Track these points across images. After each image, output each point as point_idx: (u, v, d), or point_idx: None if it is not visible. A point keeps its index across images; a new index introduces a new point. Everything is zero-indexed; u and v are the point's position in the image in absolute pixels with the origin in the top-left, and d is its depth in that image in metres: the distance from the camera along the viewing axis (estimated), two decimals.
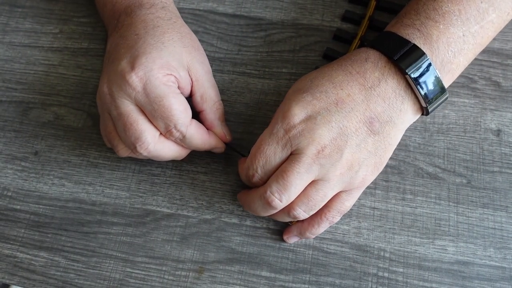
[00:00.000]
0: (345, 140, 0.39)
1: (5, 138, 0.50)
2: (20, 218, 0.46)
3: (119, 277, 0.44)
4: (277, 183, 0.39)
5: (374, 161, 0.40)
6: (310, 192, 0.39)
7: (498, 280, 0.43)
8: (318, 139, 0.38)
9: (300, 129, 0.39)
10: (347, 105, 0.39)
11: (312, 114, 0.39)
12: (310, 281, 0.43)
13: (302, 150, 0.38)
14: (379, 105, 0.39)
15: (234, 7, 0.55)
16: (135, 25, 0.44)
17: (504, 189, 0.46)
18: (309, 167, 0.38)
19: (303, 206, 0.40)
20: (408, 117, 0.41)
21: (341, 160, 0.38)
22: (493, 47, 0.52)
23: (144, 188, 0.47)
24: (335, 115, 0.39)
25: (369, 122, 0.39)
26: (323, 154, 0.38)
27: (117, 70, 0.41)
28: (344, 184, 0.40)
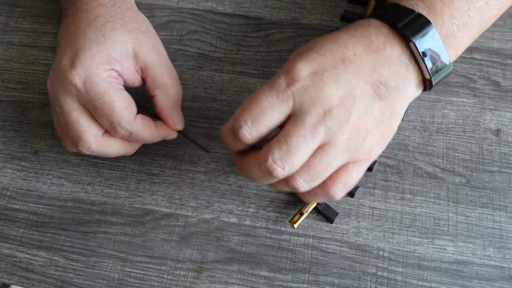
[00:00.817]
0: (353, 101, 0.36)
1: (5, 138, 0.50)
2: (19, 218, 0.46)
3: (118, 276, 0.44)
4: (279, 149, 0.35)
5: (381, 131, 0.38)
6: (313, 159, 0.36)
7: (497, 279, 0.43)
8: (325, 98, 0.35)
9: (305, 84, 0.35)
10: (354, 64, 0.37)
11: (318, 71, 0.36)
12: (309, 280, 0.43)
13: (307, 110, 0.35)
14: (385, 69, 0.37)
15: (233, 7, 0.55)
16: (77, 16, 0.43)
17: (503, 188, 0.46)
18: (315, 129, 0.35)
19: (304, 176, 0.36)
20: (412, 87, 0.39)
21: (349, 123, 0.36)
22: (492, 47, 0.52)
23: (143, 188, 0.47)
24: (343, 73, 0.36)
25: (376, 86, 0.37)
26: (330, 115, 0.35)
27: (59, 67, 0.41)
28: (350, 152, 0.37)
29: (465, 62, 0.51)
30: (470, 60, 0.51)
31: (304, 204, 0.44)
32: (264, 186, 0.47)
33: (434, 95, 0.50)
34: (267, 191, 0.47)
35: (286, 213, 0.46)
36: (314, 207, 0.45)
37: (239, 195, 0.46)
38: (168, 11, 0.56)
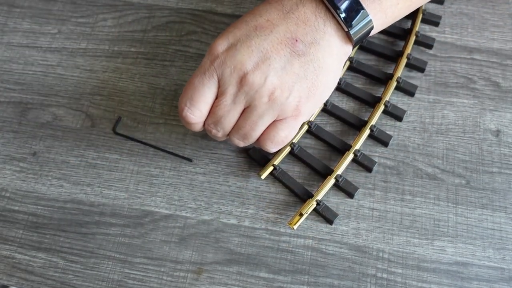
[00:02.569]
0: (268, 63, 0.38)
1: (3, 139, 0.50)
2: (18, 219, 0.46)
3: (118, 278, 0.44)
4: (210, 117, 0.41)
5: (307, 86, 0.39)
6: (241, 121, 0.40)
7: (497, 281, 0.42)
8: (239, 66, 0.38)
9: (223, 58, 0.39)
10: (266, 29, 0.39)
11: (233, 42, 0.39)
12: (308, 282, 0.43)
13: (227, 80, 0.39)
14: (299, 27, 0.39)
15: (233, 7, 0.55)
16: None
17: (503, 189, 0.46)
18: (235, 96, 0.39)
19: (236, 135, 0.41)
20: (334, 41, 0.40)
21: (266, 85, 0.38)
22: (492, 47, 0.52)
23: (143, 189, 0.47)
24: (255, 39, 0.39)
25: (291, 43, 0.39)
26: (246, 81, 0.38)
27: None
28: (275, 111, 0.39)
29: (465, 63, 0.51)
30: (470, 60, 0.51)
31: (303, 205, 0.44)
32: (264, 188, 0.47)
33: (434, 96, 0.50)
34: (266, 192, 0.47)
35: (285, 215, 0.46)
36: (313, 208, 0.44)
37: (238, 196, 0.46)
38: (167, 12, 0.55)
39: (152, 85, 0.52)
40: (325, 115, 0.50)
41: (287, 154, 0.47)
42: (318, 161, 0.47)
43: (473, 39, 0.52)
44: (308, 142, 0.48)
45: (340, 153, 0.48)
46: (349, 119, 0.48)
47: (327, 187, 0.45)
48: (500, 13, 0.54)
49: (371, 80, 0.51)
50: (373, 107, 0.49)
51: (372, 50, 0.52)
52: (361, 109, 0.50)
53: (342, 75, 0.51)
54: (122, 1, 0.56)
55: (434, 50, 0.52)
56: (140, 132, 0.49)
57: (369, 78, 0.51)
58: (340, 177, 0.45)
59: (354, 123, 0.48)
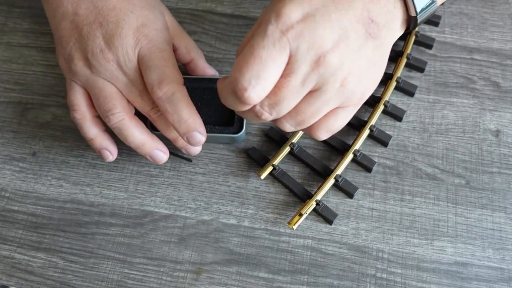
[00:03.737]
0: (347, 43, 0.34)
1: (3, 139, 0.50)
2: (18, 219, 0.46)
3: (117, 278, 0.44)
4: (269, 98, 0.34)
5: (374, 72, 0.37)
6: (302, 105, 0.35)
7: (497, 281, 0.42)
8: (319, 42, 0.33)
9: (299, 29, 0.33)
10: (344, 2, 0.34)
11: (310, 11, 0.34)
12: (308, 282, 0.43)
13: (301, 57, 0.33)
14: (375, 5, 0.35)
15: (232, 7, 0.55)
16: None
17: (503, 189, 0.46)
18: (307, 78, 0.34)
19: (290, 120, 0.36)
20: (398, 25, 0.37)
21: (343, 69, 0.34)
22: (492, 47, 0.52)
23: (142, 189, 0.47)
24: (334, 12, 0.34)
25: (367, 23, 0.35)
26: (324, 62, 0.33)
27: (118, 32, 0.42)
28: (342, 98, 0.36)
29: (465, 63, 0.51)
30: (470, 60, 0.51)
31: (303, 206, 0.44)
32: (263, 188, 0.47)
33: (434, 96, 0.50)
34: (266, 192, 0.47)
35: (285, 215, 0.46)
36: (313, 208, 0.44)
37: (238, 196, 0.46)
38: None
39: None
40: None
41: (286, 154, 0.47)
42: (317, 161, 0.47)
43: (473, 39, 0.52)
44: (308, 142, 0.48)
45: (340, 153, 0.47)
46: None
47: (327, 187, 0.45)
48: (500, 13, 0.54)
49: None
50: (373, 107, 0.49)
51: None
52: (360, 109, 0.50)
53: None
54: None
55: (434, 50, 0.52)
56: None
57: None
58: (339, 177, 0.45)
59: (353, 123, 0.48)
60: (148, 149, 0.43)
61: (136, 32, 0.41)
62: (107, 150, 0.44)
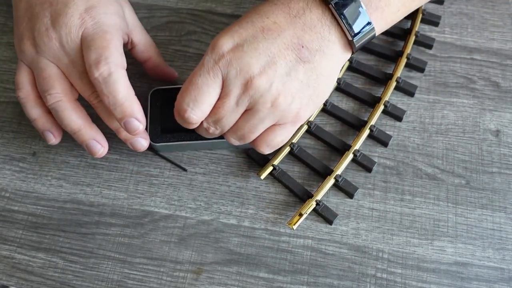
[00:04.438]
0: (275, 69, 0.38)
1: (3, 139, 0.50)
2: (18, 219, 0.46)
3: (117, 278, 0.44)
4: (211, 116, 0.39)
5: (308, 94, 0.39)
6: (240, 122, 0.40)
7: (497, 281, 0.42)
8: (246, 68, 0.38)
9: (228, 58, 0.38)
10: (273, 31, 0.38)
11: (239, 42, 0.38)
12: (308, 282, 0.43)
13: (231, 82, 0.38)
14: (306, 33, 0.39)
15: (232, 7, 0.55)
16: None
17: (503, 190, 0.46)
18: (238, 99, 0.38)
19: (233, 135, 0.41)
20: (337, 49, 0.40)
21: (271, 91, 0.38)
22: (492, 48, 0.52)
23: (142, 189, 0.47)
24: (262, 41, 0.38)
25: (298, 49, 0.38)
26: (251, 85, 0.38)
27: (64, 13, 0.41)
28: (276, 117, 0.39)
29: (464, 63, 0.51)
30: (470, 60, 0.51)
31: (303, 206, 0.44)
32: (263, 188, 0.47)
33: (434, 96, 0.50)
34: (266, 192, 0.47)
35: (285, 215, 0.46)
36: (313, 208, 0.44)
37: (238, 196, 0.46)
38: (167, 12, 0.55)
39: (152, 85, 0.51)
40: (324, 115, 0.50)
41: (286, 154, 0.47)
42: (317, 161, 0.47)
43: (473, 39, 0.52)
44: (308, 142, 0.48)
45: (340, 153, 0.47)
46: (348, 119, 0.48)
47: (327, 187, 0.45)
48: (500, 13, 0.54)
49: (371, 80, 0.51)
50: (373, 107, 0.49)
51: (372, 50, 0.52)
52: (360, 109, 0.50)
53: (342, 75, 0.51)
54: None
55: (434, 50, 0.52)
56: None
57: (369, 78, 0.51)
58: (339, 177, 0.45)
59: (353, 123, 0.48)
60: (84, 136, 0.43)
61: (83, 13, 0.41)
62: (50, 132, 0.44)
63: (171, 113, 0.48)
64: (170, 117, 0.48)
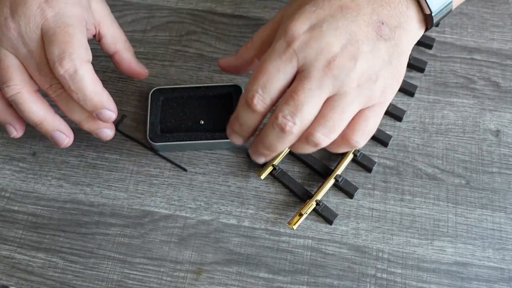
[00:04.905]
0: (357, 46, 0.36)
1: (3, 139, 0.50)
2: (18, 219, 0.46)
3: (117, 278, 0.44)
4: (287, 105, 0.35)
5: (391, 72, 0.37)
6: (326, 111, 0.36)
7: (497, 281, 0.42)
8: (327, 48, 0.35)
9: (305, 39, 0.36)
10: (352, 9, 0.37)
11: (317, 23, 0.36)
12: (308, 282, 0.43)
13: (311, 64, 0.35)
14: (384, 8, 0.37)
15: (232, 7, 0.55)
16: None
17: (503, 190, 0.46)
18: (321, 81, 0.35)
19: (321, 128, 0.36)
20: (414, 25, 0.39)
21: (356, 69, 0.36)
22: (492, 48, 0.52)
23: (142, 189, 0.47)
24: (342, 20, 0.36)
25: (378, 27, 0.37)
26: (335, 65, 0.35)
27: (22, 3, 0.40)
28: (363, 98, 0.36)
29: (465, 63, 0.51)
30: (470, 60, 0.51)
31: (303, 206, 0.44)
32: (263, 188, 0.47)
33: (434, 96, 0.50)
34: (266, 192, 0.47)
35: (285, 215, 0.46)
36: (313, 208, 0.44)
37: (238, 196, 0.46)
38: (167, 12, 0.55)
39: (152, 85, 0.51)
40: None
41: (286, 154, 0.47)
42: (317, 161, 0.47)
43: (473, 39, 0.52)
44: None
45: (340, 153, 0.47)
46: None
47: (327, 187, 0.45)
48: (500, 13, 0.54)
49: None
50: None
51: None
52: None
53: None
54: (122, 1, 0.56)
55: (434, 50, 0.52)
56: (140, 132, 0.49)
57: None
58: (339, 177, 0.45)
59: None
60: (47, 128, 0.42)
61: (43, 3, 0.40)
62: (11, 125, 0.43)
63: (171, 112, 0.48)
64: (170, 116, 0.48)
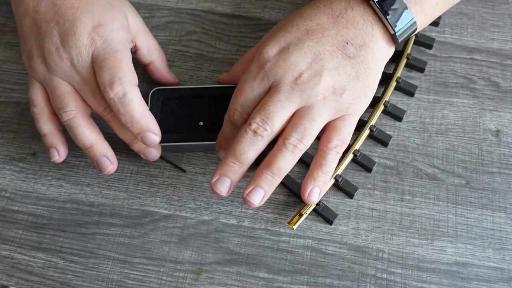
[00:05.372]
0: (321, 64, 0.39)
1: (3, 139, 0.50)
2: (18, 219, 0.46)
3: (117, 278, 0.44)
4: (259, 113, 0.39)
5: (359, 86, 0.41)
6: (297, 120, 0.40)
7: (497, 281, 0.42)
8: (293, 66, 0.39)
9: (274, 61, 0.40)
10: (317, 32, 0.40)
11: (285, 46, 0.40)
12: (308, 282, 0.43)
13: (280, 80, 0.39)
14: (349, 29, 0.40)
15: (232, 7, 0.55)
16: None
17: (503, 190, 0.46)
18: (289, 95, 0.39)
19: (294, 133, 0.39)
20: (381, 44, 0.41)
21: (321, 83, 0.39)
22: (492, 48, 0.52)
23: (142, 189, 0.47)
24: (307, 41, 0.40)
25: (343, 46, 0.40)
26: (301, 80, 0.39)
27: (73, 32, 0.42)
28: (331, 109, 0.40)
29: (464, 63, 0.51)
30: (470, 60, 0.51)
31: (303, 206, 0.44)
32: None
33: (434, 96, 0.50)
34: None
35: (285, 215, 0.46)
36: (313, 208, 0.44)
37: (238, 196, 0.46)
38: (167, 12, 0.55)
39: (152, 85, 0.51)
40: None
41: None
42: None
43: (473, 39, 0.52)
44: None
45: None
46: None
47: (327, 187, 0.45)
48: (500, 13, 0.54)
49: None
50: (373, 107, 0.49)
51: None
52: None
53: None
54: None
55: (434, 50, 0.52)
56: None
57: None
58: (339, 177, 0.45)
59: None
60: (95, 152, 0.43)
61: (92, 32, 0.42)
62: (55, 149, 0.45)
63: (170, 113, 0.48)
64: (169, 117, 0.48)
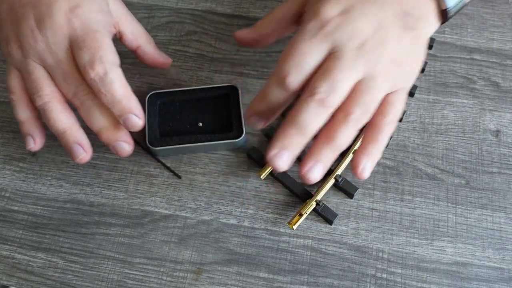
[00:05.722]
0: (385, 33, 0.37)
1: (3, 139, 0.50)
2: (18, 219, 0.46)
3: (117, 278, 0.44)
4: (324, 81, 0.36)
5: (415, 60, 0.40)
6: (359, 93, 0.37)
7: (497, 281, 0.42)
8: (359, 31, 0.37)
9: (337, 23, 0.37)
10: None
11: (347, 8, 0.38)
12: (308, 282, 0.43)
13: (344, 46, 0.37)
14: (408, 0, 0.39)
15: (232, 7, 0.55)
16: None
17: (503, 190, 0.46)
18: (354, 62, 0.36)
19: (358, 109, 0.37)
20: (433, 18, 0.40)
21: (385, 53, 0.37)
22: (492, 48, 0.52)
23: (142, 189, 0.47)
24: (370, 7, 0.38)
25: (403, 16, 0.38)
26: (366, 47, 0.37)
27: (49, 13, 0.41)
28: (390, 82, 0.38)
29: (464, 63, 0.51)
30: (470, 60, 0.51)
31: (303, 206, 0.44)
32: (263, 188, 0.47)
33: (434, 96, 0.50)
34: (266, 192, 0.46)
35: (285, 215, 0.46)
36: (313, 208, 0.44)
37: (238, 196, 0.46)
38: (167, 12, 0.55)
39: (152, 85, 0.52)
40: None
41: None
42: None
43: (472, 39, 0.52)
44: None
45: (340, 153, 0.47)
46: None
47: (327, 187, 0.45)
48: (499, 13, 0.54)
49: None
50: None
51: None
52: None
53: None
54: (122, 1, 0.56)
55: (434, 50, 0.52)
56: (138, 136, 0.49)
57: None
58: (339, 177, 0.45)
59: None
60: (68, 138, 0.42)
61: (69, 13, 0.41)
62: (31, 137, 0.44)
63: (169, 116, 0.48)
64: (168, 120, 0.48)
